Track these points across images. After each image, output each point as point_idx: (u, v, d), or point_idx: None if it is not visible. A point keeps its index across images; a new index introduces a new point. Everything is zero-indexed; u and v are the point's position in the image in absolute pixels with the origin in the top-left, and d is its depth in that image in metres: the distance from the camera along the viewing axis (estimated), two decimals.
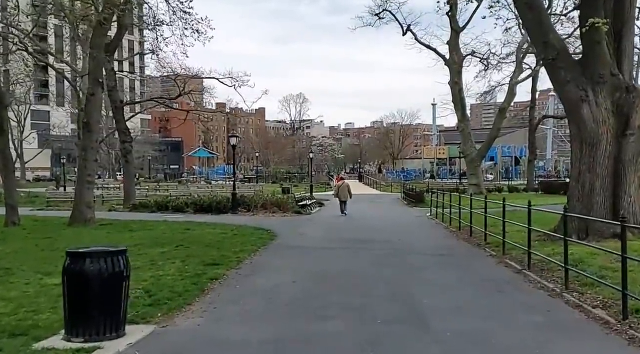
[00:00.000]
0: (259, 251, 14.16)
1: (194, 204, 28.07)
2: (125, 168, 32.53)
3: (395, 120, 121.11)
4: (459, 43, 44.44)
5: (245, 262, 12.43)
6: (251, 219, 24.12)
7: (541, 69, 49.88)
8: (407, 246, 15.17)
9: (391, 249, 14.61)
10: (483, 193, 41.83)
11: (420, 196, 35.18)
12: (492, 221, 17.98)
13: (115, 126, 33.87)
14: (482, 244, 15.04)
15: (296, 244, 15.68)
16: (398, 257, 13.19)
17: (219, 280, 10.30)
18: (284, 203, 28.28)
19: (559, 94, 14.45)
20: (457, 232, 18.34)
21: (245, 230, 19.12)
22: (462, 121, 45.55)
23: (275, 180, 71.21)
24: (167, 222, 22.43)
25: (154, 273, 10.88)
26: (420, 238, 17.27)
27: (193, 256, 13.02)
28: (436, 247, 14.94)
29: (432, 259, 12.74)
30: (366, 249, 14.61)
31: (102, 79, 23.03)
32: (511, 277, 10.52)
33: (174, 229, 19.36)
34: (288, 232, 19.07)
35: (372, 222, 22.91)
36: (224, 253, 13.41)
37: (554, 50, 13.88)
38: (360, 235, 18.03)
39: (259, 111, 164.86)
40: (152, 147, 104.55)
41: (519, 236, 15.26)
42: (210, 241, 15.86)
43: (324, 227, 21.28)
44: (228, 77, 36.48)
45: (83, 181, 22.11)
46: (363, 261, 12.62)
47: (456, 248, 14.76)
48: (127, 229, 19.83)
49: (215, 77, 37.09)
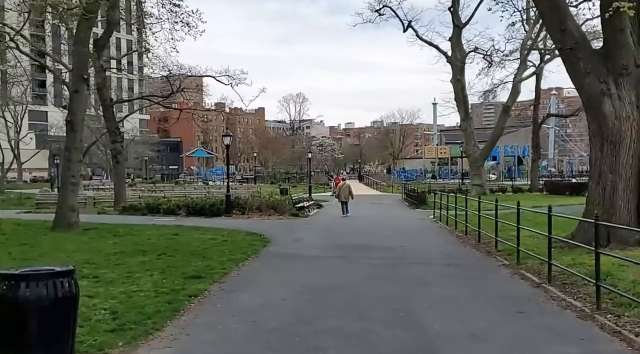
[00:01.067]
0: (248, 261, 12.91)
1: (186, 206, 26.85)
2: (116, 169, 31.29)
3: (396, 120, 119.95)
4: (462, 39, 43.26)
5: (232, 274, 11.17)
6: (245, 223, 22.89)
7: (546, 66, 48.99)
8: (411, 254, 13.91)
9: (394, 257, 13.35)
10: (486, 194, 40.72)
11: (423, 197, 33.93)
12: (500, 226, 16.79)
13: (105, 126, 32.55)
14: (493, 252, 13.80)
15: (290, 252, 14.42)
16: (401, 268, 11.92)
17: (198, 297, 9.05)
18: (280, 205, 27.06)
19: (577, 87, 13.19)
20: (464, 238, 17.09)
21: (237, 235, 17.88)
22: (465, 119, 44.30)
23: (274, 180, 69.98)
24: (156, 226, 21.24)
25: (126, 288, 9.63)
26: (425, 244, 16.00)
27: (174, 267, 11.78)
28: (443, 255, 13.67)
29: (439, 271, 11.47)
30: (366, 257, 13.35)
31: (87, 75, 21.76)
32: (531, 293, 9.26)
33: (161, 235, 18.12)
34: (282, 237, 17.82)
35: (373, 226, 21.66)
36: (209, 263, 12.17)
37: (572, 38, 12.63)
38: (359, 241, 16.78)
39: (259, 111, 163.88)
40: (151, 147, 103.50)
41: (531, 243, 14.03)
42: (197, 249, 14.61)
43: (321, 231, 20.04)
44: (224, 75, 35.26)
45: (67, 183, 20.86)
46: (363, 272, 11.36)
47: (465, 257, 13.50)
48: (112, 235, 18.58)
49: (211, 75, 35.84)
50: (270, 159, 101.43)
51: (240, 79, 35.00)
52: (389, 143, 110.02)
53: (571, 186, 44.20)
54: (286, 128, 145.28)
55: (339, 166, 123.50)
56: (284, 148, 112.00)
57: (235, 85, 34.78)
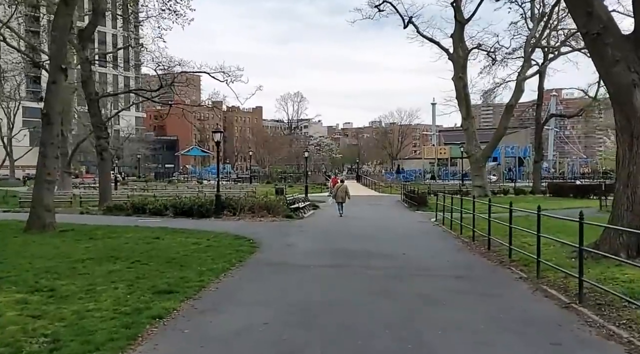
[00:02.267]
0: (231, 271, 11.40)
1: (173, 206, 25.32)
2: (101, 166, 29.70)
3: (394, 120, 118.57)
4: (464, 36, 41.77)
5: (210, 288, 9.67)
6: (235, 225, 21.40)
7: (550, 64, 47.55)
8: (415, 263, 12.43)
9: (395, 267, 11.87)
10: (488, 195, 39.24)
11: (423, 198, 32.50)
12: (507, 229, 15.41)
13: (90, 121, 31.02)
14: (506, 262, 12.33)
15: (280, 260, 12.91)
16: (404, 280, 10.43)
17: (164, 320, 7.56)
18: (274, 206, 25.54)
19: (603, 77, 11.74)
20: (471, 244, 15.62)
21: (224, 239, 16.39)
22: (467, 118, 42.80)
23: (270, 180, 68.42)
24: (138, 228, 19.76)
25: (81, 307, 8.14)
26: (429, 251, 14.51)
27: (145, 278, 10.29)
28: (450, 265, 12.18)
29: (449, 285, 9.98)
30: (365, 267, 11.86)
31: (65, 65, 20.23)
32: (561, 316, 7.78)
33: (140, 238, 16.61)
34: (273, 242, 16.33)
35: (372, 230, 20.18)
36: (185, 274, 10.67)
37: (599, 22, 11.16)
38: (357, 246, 15.30)
39: (256, 110, 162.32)
40: (146, 145, 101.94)
41: (547, 252, 12.62)
42: (176, 256, 13.11)
43: (316, 235, 18.54)
44: (219, 72, 33.89)
45: (42, 181, 19.34)
46: (361, 286, 9.87)
47: (475, 267, 12.00)
48: (88, 238, 17.09)
49: (206, 71, 34.43)
50: (267, 158, 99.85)
51: (236, 75, 33.67)
52: (388, 143, 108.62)
53: (575, 188, 42.80)
54: (284, 127, 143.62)
55: (336, 166, 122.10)
56: (281, 147, 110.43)
57: (231, 82, 33.52)
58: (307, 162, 50.14)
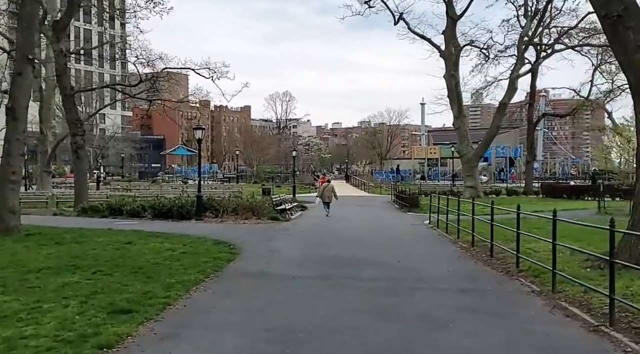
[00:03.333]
0: (204, 283, 10.04)
1: (152, 208, 23.89)
2: (77, 165, 28.12)
3: (384, 119, 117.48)
4: (457, 32, 40.65)
5: (176, 305, 8.32)
6: (216, 228, 20.05)
7: (543, 62, 46.55)
8: (412, 273, 11.12)
9: (390, 278, 10.57)
10: (480, 196, 38.17)
11: (415, 199, 31.27)
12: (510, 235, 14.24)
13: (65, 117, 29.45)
14: (513, 272, 11.07)
15: (260, 269, 11.55)
16: (402, 295, 9.13)
17: (113, 350, 6.21)
18: (259, 207, 24.19)
19: (624, 66, 10.56)
20: (470, 250, 14.37)
21: (201, 245, 15.03)
22: (459, 117, 41.70)
23: (257, 180, 66.93)
24: (111, 231, 18.33)
25: (16, 331, 6.77)
26: (426, 259, 13.23)
27: (104, 293, 8.92)
28: (452, 275, 10.90)
29: (453, 301, 8.68)
30: (355, 278, 10.55)
31: (32, 56, 18.73)
32: (592, 344, 6.51)
33: (110, 243, 15.20)
34: (256, 247, 14.99)
35: (362, 233, 18.89)
36: (151, 287, 9.32)
37: (620, 3, 9.94)
38: (347, 252, 13.99)
39: (245, 109, 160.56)
40: (132, 144, 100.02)
41: (558, 260, 11.41)
42: (145, 264, 11.74)
43: (302, 240, 17.22)
44: (205, 68, 32.61)
45: (5, 181, 17.81)
46: (352, 303, 8.55)
47: (480, 278, 10.72)
48: (54, 242, 15.67)
49: (190, 67, 33.08)
50: (255, 158, 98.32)
51: (222, 72, 32.44)
52: (377, 143, 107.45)
53: (570, 189, 41.84)
54: (272, 127, 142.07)
55: (325, 166, 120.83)
56: (270, 147, 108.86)
57: (217, 79, 32.31)
58: (295, 161, 48.77)
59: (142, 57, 27.91)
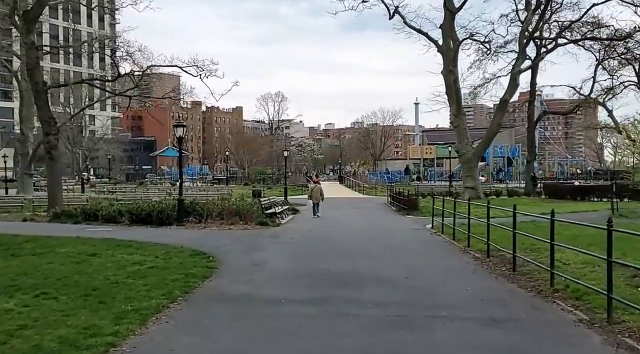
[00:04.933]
0: (168, 310, 8.05)
1: (129, 213, 21.84)
2: (49, 166, 26.00)
3: (377, 120, 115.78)
4: (455, 25, 38.77)
5: (122, 347, 6.33)
6: (198, 235, 18.09)
7: (545, 57, 44.76)
8: (424, 295, 9.17)
9: (398, 302, 8.61)
10: (481, 197, 36.27)
11: (414, 202, 29.34)
12: (527, 242, 12.44)
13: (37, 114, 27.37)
14: (546, 291, 9.14)
15: (240, 291, 9.55)
16: (416, 329, 7.16)
17: None
18: (246, 211, 22.19)
19: None
20: (486, 261, 12.45)
21: (176, 257, 13.05)
22: (458, 115, 39.81)
23: (248, 182, 64.87)
24: (79, 240, 16.41)
25: None
26: (438, 273, 11.24)
27: (34, 327, 6.95)
28: (474, 298, 8.93)
29: (484, 337, 6.73)
30: (354, 302, 8.59)
31: None
32: None
33: (73, 255, 13.22)
34: (238, 260, 13.02)
35: (360, 240, 16.95)
36: (98, 319, 7.33)
37: None
38: (343, 266, 12.03)
39: (236, 110, 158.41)
40: (122, 146, 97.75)
41: (594, 276, 9.58)
42: (103, 283, 9.76)
43: (292, 249, 15.25)
44: (192, 66, 30.78)
45: None
46: (351, 343, 6.58)
47: (509, 301, 8.76)
48: (9, 254, 13.74)
49: (177, 65, 31.19)
50: (246, 158, 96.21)
51: (210, 70, 30.68)
52: (370, 144, 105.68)
53: (575, 190, 40.05)
54: (265, 128, 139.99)
55: (318, 167, 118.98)
56: (262, 148, 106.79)
57: (205, 78, 30.61)
58: (286, 162, 46.79)
59: (122, 50, 25.73)
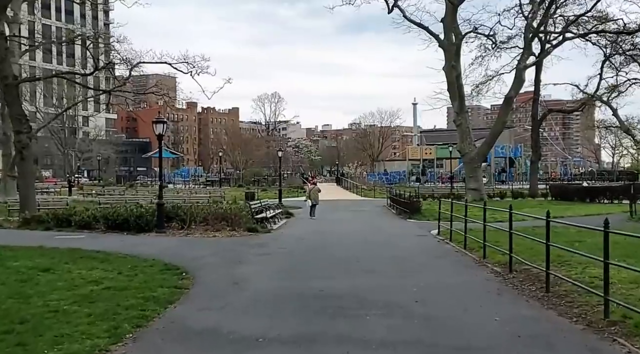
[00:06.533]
0: None
1: (105, 218, 19.84)
2: (21, 167, 23.92)
3: (375, 120, 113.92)
4: (458, 18, 36.84)
5: None
6: (176, 244, 16.10)
7: (552, 52, 42.83)
8: (444, 329, 7.15)
9: (411, 341, 6.60)
10: (484, 199, 34.41)
11: (416, 205, 27.37)
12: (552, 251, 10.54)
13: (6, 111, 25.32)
14: (597, 322, 7.15)
15: (209, 322, 7.50)
16: None
17: None
18: (234, 216, 20.19)
19: None
20: (509, 278, 10.47)
21: (143, 272, 11.04)
22: (460, 113, 37.88)
23: (243, 183, 62.82)
24: (42, 250, 14.57)
25: None
26: (457, 297, 9.14)
27: None
28: (509, 333, 6.89)
29: None
30: (355, 342, 6.57)
31: None
32: None
33: (21, 271, 11.22)
34: (216, 276, 11.01)
35: (359, 250, 14.93)
36: None
37: None
38: (341, 285, 10.02)
39: (233, 111, 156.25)
40: (116, 148, 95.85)
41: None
42: (38, 312, 7.74)
43: (281, 261, 13.23)
44: (183, 62, 28.94)
45: None
46: None
47: (555, 340, 6.72)
48: None
49: (167, 61, 29.24)
50: (241, 160, 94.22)
51: (202, 67, 28.84)
52: (368, 144, 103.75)
53: (583, 191, 38.12)
54: (261, 129, 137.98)
55: (315, 168, 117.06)
56: (258, 150, 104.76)
57: (196, 75, 28.80)
58: (281, 162, 44.78)
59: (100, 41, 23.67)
